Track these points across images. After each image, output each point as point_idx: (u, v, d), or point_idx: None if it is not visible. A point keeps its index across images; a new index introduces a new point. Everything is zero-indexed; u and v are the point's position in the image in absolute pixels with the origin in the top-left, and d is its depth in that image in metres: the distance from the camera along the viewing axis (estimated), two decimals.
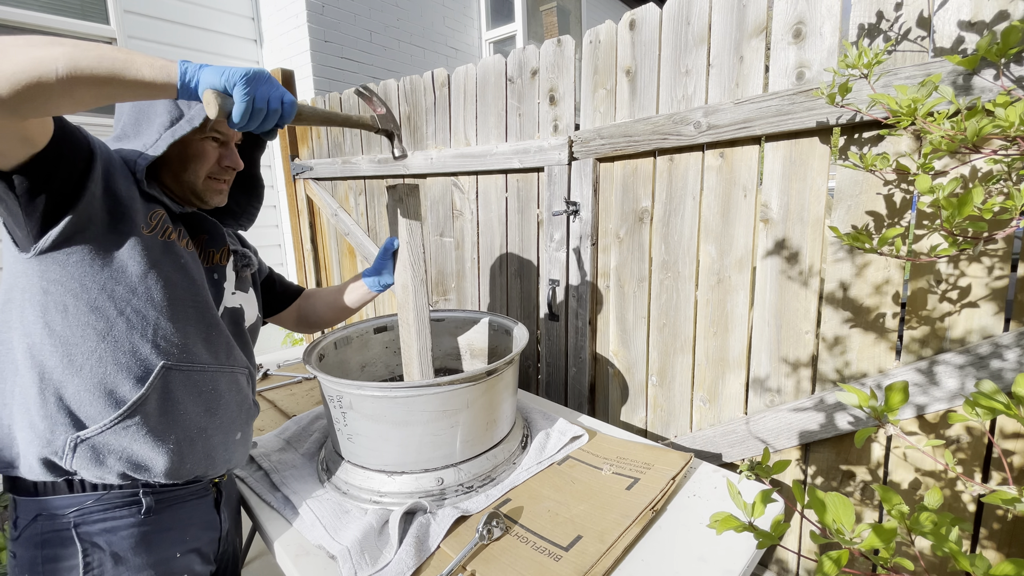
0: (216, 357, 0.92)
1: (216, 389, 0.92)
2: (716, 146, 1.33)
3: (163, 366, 0.83)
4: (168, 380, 0.84)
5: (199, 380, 0.89)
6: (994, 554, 1.08)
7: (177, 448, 0.86)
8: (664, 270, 1.49)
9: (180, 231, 0.91)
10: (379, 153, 2.42)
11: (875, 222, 1.12)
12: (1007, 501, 0.49)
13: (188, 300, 0.88)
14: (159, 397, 0.84)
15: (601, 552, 0.88)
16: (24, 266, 0.76)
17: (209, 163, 0.93)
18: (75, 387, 0.78)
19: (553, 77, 1.66)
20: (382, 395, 1.01)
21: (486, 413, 1.11)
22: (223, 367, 0.94)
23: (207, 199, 0.96)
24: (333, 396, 1.07)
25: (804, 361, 1.27)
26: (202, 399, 0.90)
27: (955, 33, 0.98)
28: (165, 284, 0.84)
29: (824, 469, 1.28)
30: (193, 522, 0.93)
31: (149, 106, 0.87)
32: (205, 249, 0.97)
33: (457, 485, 1.06)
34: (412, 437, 1.04)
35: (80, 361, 0.78)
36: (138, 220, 0.82)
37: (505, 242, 1.95)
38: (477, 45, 4.60)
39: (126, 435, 0.81)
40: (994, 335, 1.01)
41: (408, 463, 1.06)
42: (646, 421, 1.62)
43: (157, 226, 0.85)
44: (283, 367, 1.95)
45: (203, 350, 0.90)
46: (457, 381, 1.02)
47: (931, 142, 0.77)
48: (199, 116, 0.86)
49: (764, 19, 1.20)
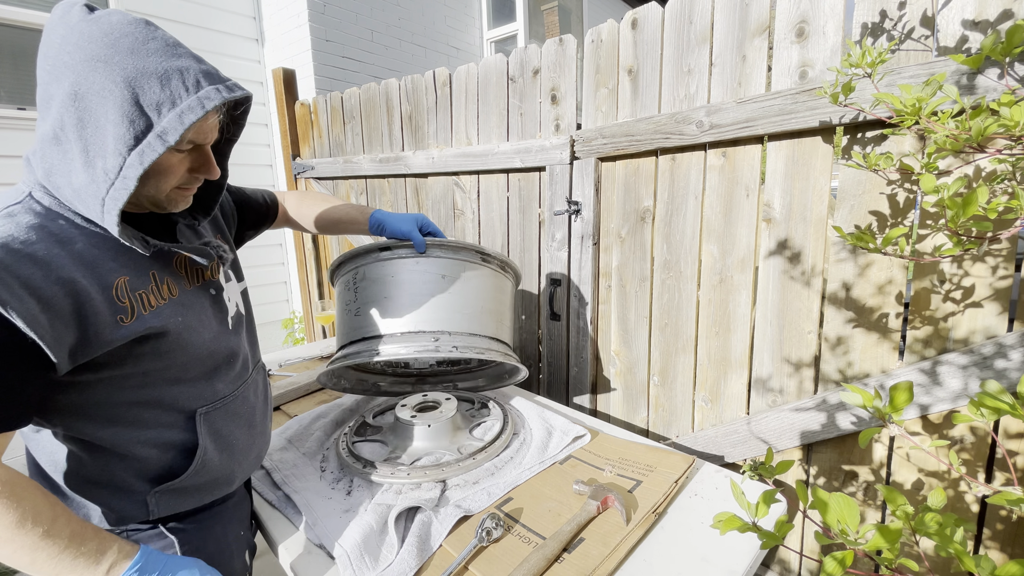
0: (238, 377, 0.93)
1: (247, 403, 0.95)
2: (718, 145, 1.32)
3: (201, 413, 0.84)
4: (211, 421, 0.86)
5: (233, 406, 0.90)
6: (998, 555, 1.08)
7: (241, 467, 0.94)
8: (666, 270, 1.49)
9: (155, 276, 0.76)
10: (380, 152, 2.42)
11: (878, 222, 1.11)
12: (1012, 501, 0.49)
13: (202, 355, 0.82)
14: (212, 441, 0.85)
15: (604, 555, 0.88)
16: None
17: (178, 176, 0.73)
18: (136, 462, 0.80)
19: (555, 76, 1.66)
20: (388, 257, 1.19)
21: (477, 296, 1.24)
22: (246, 382, 0.95)
23: (169, 208, 0.78)
24: (349, 279, 1.23)
25: (806, 361, 1.26)
26: (243, 420, 0.93)
27: (959, 32, 0.97)
28: (170, 364, 0.78)
29: (826, 469, 1.28)
30: (244, 502, 1.02)
31: (97, 99, 0.62)
32: (191, 269, 0.84)
33: (451, 347, 1.16)
34: (408, 297, 1.18)
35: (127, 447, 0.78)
36: (105, 325, 0.67)
37: (507, 241, 1.94)
38: (478, 44, 4.60)
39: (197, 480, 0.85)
40: (998, 335, 1.01)
41: (405, 323, 1.17)
42: (648, 421, 1.62)
43: (130, 306, 0.70)
44: (284, 367, 1.95)
45: (229, 381, 0.90)
46: (447, 246, 1.20)
47: (935, 141, 0.76)
48: (174, 129, 0.64)
49: (767, 18, 1.20)
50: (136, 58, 0.63)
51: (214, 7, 3.14)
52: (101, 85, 0.62)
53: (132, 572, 0.69)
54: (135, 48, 0.63)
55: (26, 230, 0.63)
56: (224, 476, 0.90)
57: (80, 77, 0.62)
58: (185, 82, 0.65)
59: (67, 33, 0.63)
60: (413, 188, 2.30)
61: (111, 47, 0.62)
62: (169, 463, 0.81)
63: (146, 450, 0.79)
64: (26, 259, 0.61)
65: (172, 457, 0.82)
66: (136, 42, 0.64)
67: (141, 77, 0.63)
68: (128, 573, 0.68)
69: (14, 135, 2.48)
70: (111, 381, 0.72)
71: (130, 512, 0.80)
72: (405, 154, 2.23)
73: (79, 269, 0.66)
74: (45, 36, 0.65)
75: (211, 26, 3.14)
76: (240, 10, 3.28)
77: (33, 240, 0.63)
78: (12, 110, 2.47)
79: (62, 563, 0.64)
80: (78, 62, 0.62)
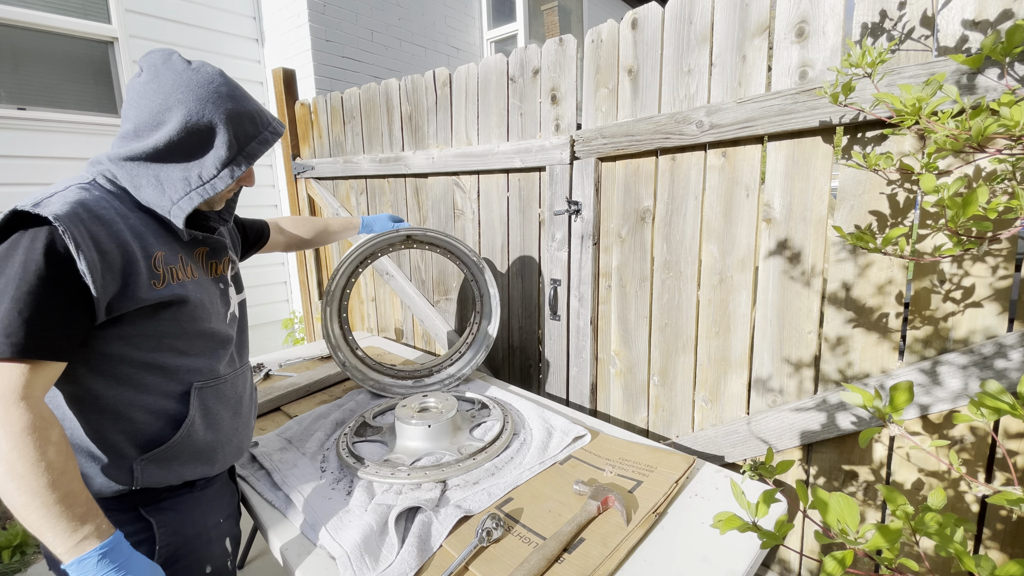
0: (231, 365, 1.03)
1: (236, 390, 1.03)
2: (718, 145, 1.32)
3: (195, 387, 0.93)
4: (203, 397, 0.94)
5: (223, 388, 0.99)
6: (998, 554, 1.08)
7: (223, 449, 1.00)
8: (666, 270, 1.49)
9: (182, 259, 0.92)
10: (380, 152, 2.42)
11: (878, 222, 1.11)
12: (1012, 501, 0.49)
13: (207, 332, 0.95)
14: (200, 415, 0.94)
15: (604, 555, 0.88)
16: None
17: (231, 184, 0.94)
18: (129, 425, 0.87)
19: (555, 76, 1.66)
20: None
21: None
22: (237, 371, 1.05)
23: (215, 207, 0.98)
24: None
25: (806, 361, 1.26)
26: (230, 404, 1.01)
27: (959, 32, 0.97)
28: (181, 332, 0.90)
29: (826, 469, 1.28)
30: (226, 492, 1.06)
31: (206, 129, 0.85)
32: (207, 262, 1.00)
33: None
34: None
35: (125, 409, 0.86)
36: (142, 285, 0.82)
37: (507, 241, 1.94)
38: (478, 44, 4.60)
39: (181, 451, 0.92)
40: (998, 335, 1.01)
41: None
42: (648, 421, 1.62)
43: (163, 274, 0.86)
44: (284, 367, 1.95)
45: (224, 364, 1.00)
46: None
47: (935, 141, 0.76)
48: (254, 154, 0.89)
49: (767, 18, 1.20)
50: (234, 103, 0.87)
51: (214, 7, 3.14)
52: (210, 119, 0.85)
53: (96, 553, 0.72)
54: (231, 95, 0.87)
55: (97, 199, 0.81)
56: (205, 454, 0.96)
57: (192, 111, 0.83)
58: (263, 120, 0.92)
59: (177, 78, 0.84)
60: (413, 188, 2.30)
61: (216, 92, 0.85)
62: (159, 430, 0.89)
63: (142, 414, 0.87)
64: (96, 219, 0.78)
65: (163, 425, 0.89)
66: (231, 90, 0.88)
67: (238, 116, 0.87)
68: (93, 552, 0.71)
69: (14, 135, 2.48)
70: (130, 339, 0.84)
71: (116, 477, 0.86)
72: (405, 154, 2.23)
73: (132, 236, 0.82)
74: (154, 77, 0.85)
75: (211, 26, 3.14)
76: (240, 10, 3.28)
77: (103, 206, 0.81)
78: (12, 110, 2.47)
79: (48, 517, 0.70)
80: (191, 100, 0.83)
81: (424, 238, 1.67)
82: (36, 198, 0.76)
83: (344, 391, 1.68)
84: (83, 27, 2.67)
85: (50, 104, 2.62)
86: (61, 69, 2.66)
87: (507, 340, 2.04)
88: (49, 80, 2.62)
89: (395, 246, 1.66)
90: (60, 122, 2.61)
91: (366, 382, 1.61)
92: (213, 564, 0.98)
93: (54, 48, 2.63)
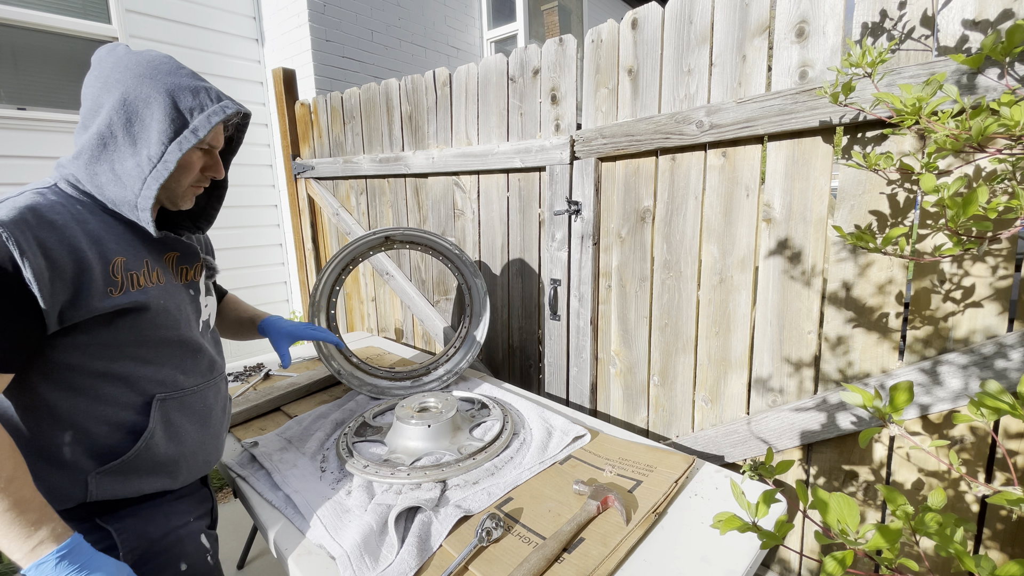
0: (202, 375, 0.99)
1: (205, 403, 0.99)
2: (718, 145, 1.32)
3: (158, 398, 0.89)
4: (166, 409, 0.91)
5: (190, 401, 0.96)
6: (998, 555, 1.08)
7: (187, 463, 0.96)
8: (666, 270, 1.49)
9: (147, 263, 0.87)
10: (380, 152, 2.42)
11: (878, 222, 1.11)
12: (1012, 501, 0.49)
13: (173, 340, 0.91)
14: (162, 428, 0.90)
15: (604, 555, 0.88)
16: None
17: (194, 173, 0.89)
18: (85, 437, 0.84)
19: (555, 76, 1.66)
20: None
21: None
22: (208, 381, 1.00)
23: (179, 204, 0.93)
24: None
25: (807, 361, 1.26)
26: (197, 417, 0.97)
27: (959, 32, 0.97)
28: (142, 340, 0.86)
29: (826, 469, 1.28)
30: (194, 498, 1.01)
31: (143, 104, 0.81)
32: (177, 267, 0.96)
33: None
34: None
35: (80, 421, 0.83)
36: (96, 293, 0.78)
37: (507, 241, 1.94)
38: (478, 44, 4.60)
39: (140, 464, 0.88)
40: (998, 335, 1.01)
41: None
42: (648, 421, 1.62)
43: (121, 281, 0.82)
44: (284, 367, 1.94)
45: (192, 374, 0.96)
46: None
47: (936, 141, 0.76)
48: (203, 127, 0.83)
49: (767, 18, 1.20)
50: (174, 77, 0.83)
51: (214, 7, 3.14)
52: (147, 94, 0.81)
53: (54, 556, 0.70)
54: (172, 71, 0.84)
55: (51, 204, 0.78)
56: (167, 467, 0.92)
57: (129, 88, 0.80)
58: (209, 95, 0.85)
59: (116, 61, 0.82)
60: (413, 188, 2.30)
61: (154, 68, 0.82)
62: (116, 443, 0.86)
63: (98, 426, 0.84)
64: (46, 224, 0.75)
65: (120, 438, 0.86)
66: (172, 67, 0.84)
67: (178, 89, 0.83)
68: (50, 556, 0.70)
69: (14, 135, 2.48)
70: (87, 348, 0.81)
71: (68, 491, 0.82)
72: (405, 154, 2.23)
73: (86, 242, 0.79)
74: (97, 63, 0.83)
75: (211, 26, 3.14)
76: (240, 10, 3.28)
77: (57, 211, 0.78)
78: (12, 110, 2.47)
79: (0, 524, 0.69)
80: (128, 78, 0.81)
81: (404, 237, 1.67)
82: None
83: (344, 391, 1.68)
84: (83, 27, 2.67)
85: (50, 104, 2.62)
86: (61, 69, 2.66)
87: (507, 340, 2.04)
88: (49, 80, 2.62)
89: (375, 249, 1.65)
90: (60, 122, 2.61)
91: (363, 387, 1.61)
92: (188, 561, 0.93)
93: (54, 48, 2.63)
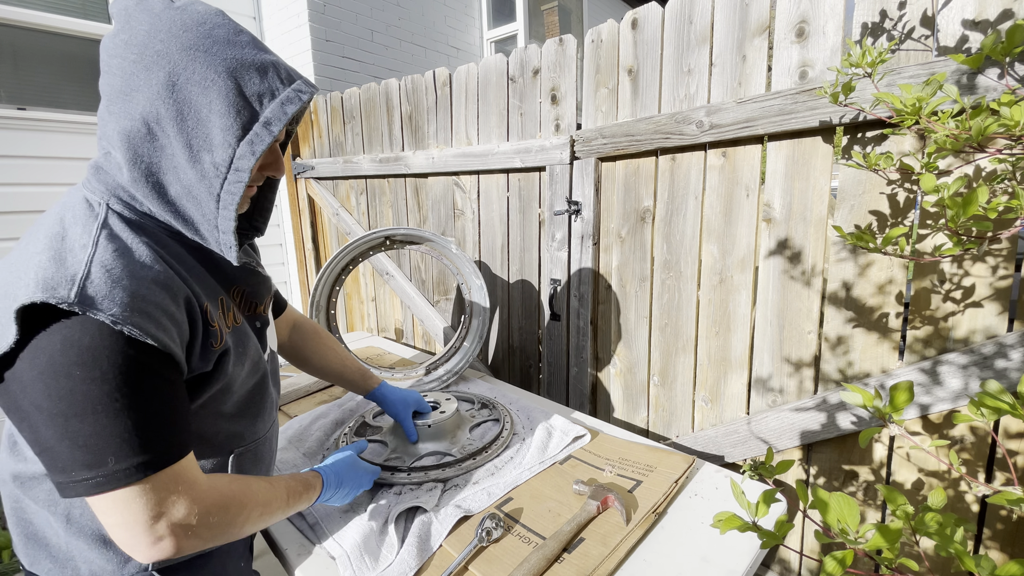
0: (269, 419, 0.90)
1: (271, 447, 0.94)
2: (718, 145, 1.32)
3: (234, 454, 0.82)
4: (240, 462, 0.83)
5: (261, 450, 0.89)
6: (998, 554, 1.08)
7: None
8: (666, 270, 1.49)
9: (222, 304, 0.73)
10: (380, 152, 2.42)
11: (878, 222, 1.11)
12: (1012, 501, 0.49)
13: (249, 387, 0.80)
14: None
15: (604, 555, 0.88)
16: None
17: (253, 174, 0.70)
18: None
19: (555, 76, 1.66)
20: None
21: None
22: (275, 422, 0.95)
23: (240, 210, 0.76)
24: None
25: (807, 361, 1.26)
26: (264, 465, 0.92)
27: (959, 32, 0.97)
28: (224, 392, 0.74)
29: (826, 469, 1.28)
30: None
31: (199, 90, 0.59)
32: (247, 301, 0.82)
33: None
34: None
35: None
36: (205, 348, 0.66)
37: (507, 241, 1.94)
38: (478, 44, 4.60)
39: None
40: (998, 335, 1.01)
41: None
42: (648, 421, 1.62)
43: (218, 330, 0.69)
44: (284, 367, 1.95)
45: (265, 419, 0.88)
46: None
47: (935, 141, 0.76)
48: (278, 119, 0.63)
49: (767, 18, 1.20)
50: (234, 48, 0.61)
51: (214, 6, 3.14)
52: (202, 75, 0.59)
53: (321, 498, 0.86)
54: (231, 39, 0.62)
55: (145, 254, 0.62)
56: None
57: (177, 67, 0.59)
58: (279, 75, 0.65)
59: (154, 21, 0.60)
60: (413, 188, 2.30)
61: (208, 37, 0.60)
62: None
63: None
64: (152, 284, 0.60)
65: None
66: (230, 33, 0.62)
67: (242, 68, 0.61)
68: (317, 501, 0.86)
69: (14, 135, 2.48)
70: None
71: (129, 565, 0.73)
72: (405, 154, 2.23)
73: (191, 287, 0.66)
74: (124, 22, 0.61)
75: None
76: (240, 10, 3.28)
77: (152, 262, 0.62)
78: (12, 110, 2.47)
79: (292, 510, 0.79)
80: (174, 51, 0.59)
81: (403, 237, 1.67)
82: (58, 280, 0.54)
83: (344, 391, 1.68)
84: (83, 27, 2.67)
85: (50, 104, 2.62)
86: (61, 69, 2.66)
87: (507, 340, 2.04)
88: (49, 80, 2.62)
89: (375, 249, 1.65)
90: (60, 122, 2.61)
91: None
92: None
93: (54, 48, 2.63)
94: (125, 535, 0.59)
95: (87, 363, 0.54)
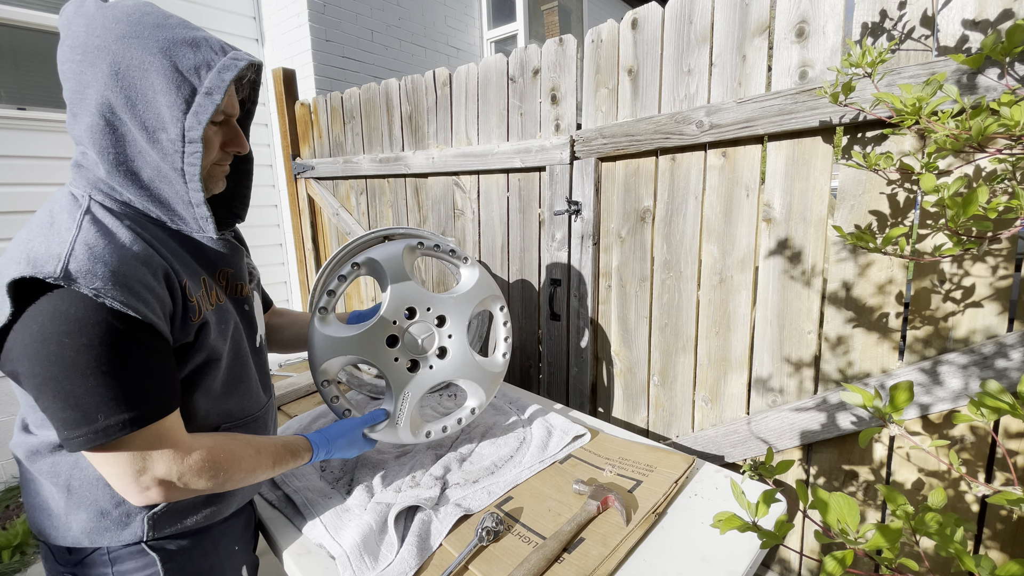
0: (259, 400, 0.94)
1: (266, 428, 0.97)
2: (718, 145, 1.32)
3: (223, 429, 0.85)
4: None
5: (252, 428, 0.91)
6: (998, 554, 1.08)
7: (241, 493, 0.92)
8: (666, 270, 1.49)
9: (204, 283, 0.77)
10: (380, 152, 2.42)
11: (878, 222, 1.11)
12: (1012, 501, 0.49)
13: (236, 366, 0.85)
14: None
15: (604, 555, 0.88)
16: None
17: (215, 150, 0.76)
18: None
19: (555, 76, 1.66)
20: None
21: None
22: (268, 404, 0.97)
23: (211, 189, 0.81)
24: None
25: (807, 361, 1.26)
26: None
27: (959, 32, 0.97)
28: (208, 369, 0.79)
29: (826, 469, 1.28)
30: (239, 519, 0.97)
31: (139, 72, 0.65)
32: (232, 283, 0.87)
33: None
34: None
35: None
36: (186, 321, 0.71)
37: (507, 241, 1.94)
38: (478, 44, 4.60)
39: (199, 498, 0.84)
40: (998, 335, 1.01)
41: None
42: (648, 421, 1.62)
43: (197, 306, 0.73)
44: (284, 367, 1.95)
45: (256, 399, 0.92)
46: None
47: (935, 141, 0.76)
48: (217, 88, 0.67)
49: (767, 18, 1.20)
50: (164, 30, 0.67)
51: (214, 7, 3.14)
52: (140, 59, 0.65)
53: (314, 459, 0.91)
54: (159, 23, 0.67)
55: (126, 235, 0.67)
56: (223, 499, 0.88)
57: (116, 56, 0.65)
58: (212, 47, 0.70)
59: (90, 21, 0.66)
60: (413, 188, 2.30)
61: (138, 24, 0.66)
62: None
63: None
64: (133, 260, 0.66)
65: None
66: (159, 18, 0.68)
67: (174, 45, 0.66)
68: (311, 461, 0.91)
69: (14, 135, 2.48)
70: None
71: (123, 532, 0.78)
72: (405, 154, 2.23)
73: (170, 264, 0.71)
74: (67, 30, 0.67)
75: (211, 26, 3.13)
76: (240, 10, 3.28)
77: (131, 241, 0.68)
78: (12, 110, 2.47)
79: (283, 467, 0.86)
80: (110, 42, 0.65)
81: (403, 237, 1.66)
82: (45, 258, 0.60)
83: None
84: None
85: (50, 104, 2.61)
86: None
87: None
88: (49, 80, 2.62)
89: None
90: (60, 122, 2.61)
91: (363, 387, 1.61)
92: None
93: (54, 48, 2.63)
94: (119, 484, 0.69)
95: (74, 332, 0.60)
